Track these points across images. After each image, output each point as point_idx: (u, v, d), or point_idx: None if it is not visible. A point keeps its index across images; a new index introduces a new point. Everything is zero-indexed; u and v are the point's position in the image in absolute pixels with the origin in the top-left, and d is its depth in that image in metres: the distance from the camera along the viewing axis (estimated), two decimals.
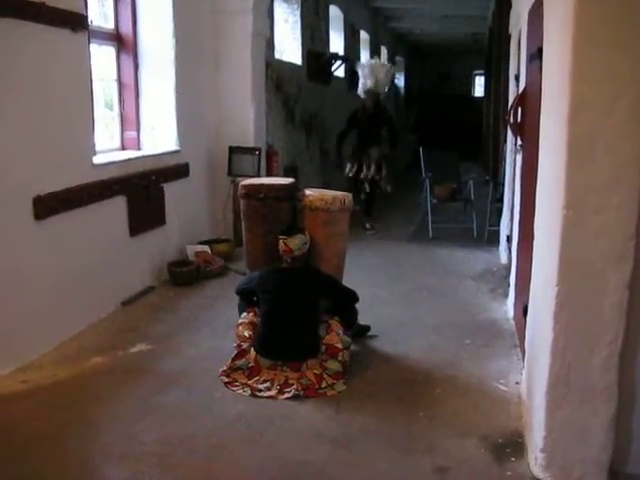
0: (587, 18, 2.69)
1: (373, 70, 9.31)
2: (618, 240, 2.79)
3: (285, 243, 4.40)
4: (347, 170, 9.33)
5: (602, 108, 2.73)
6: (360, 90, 9.48)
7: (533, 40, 4.51)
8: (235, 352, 4.29)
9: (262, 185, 4.89)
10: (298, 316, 4.28)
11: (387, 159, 9.43)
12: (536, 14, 4.24)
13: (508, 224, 6.74)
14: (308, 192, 4.79)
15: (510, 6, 6.93)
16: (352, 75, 12.54)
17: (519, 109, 5.27)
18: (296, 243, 4.41)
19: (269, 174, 7.78)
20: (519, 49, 6.02)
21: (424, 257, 7.62)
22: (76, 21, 4.87)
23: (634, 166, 2.75)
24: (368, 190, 9.25)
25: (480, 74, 24.25)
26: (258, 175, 7.09)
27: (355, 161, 9.29)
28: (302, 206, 4.75)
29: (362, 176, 9.21)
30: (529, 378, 3.62)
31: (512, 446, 3.44)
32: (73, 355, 4.59)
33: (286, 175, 8.73)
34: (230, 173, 7.25)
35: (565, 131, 2.79)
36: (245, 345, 4.29)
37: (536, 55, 4.02)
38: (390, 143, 9.58)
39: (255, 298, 4.50)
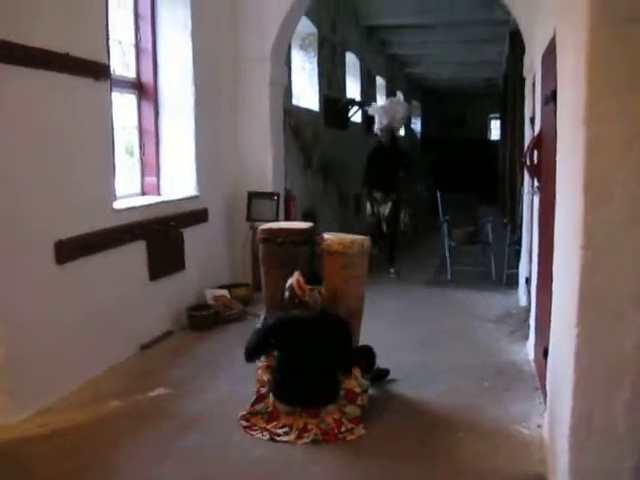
0: (600, 61, 2.72)
1: (387, 109, 9.52)
2: (637, 279, 2.77)
3: (299, 283, 4.30)
4: (368, 210, 9.56)
5: (617, 149, 2.74)
6: (376, 128, 9.66)
7: (547, 83, 4.57)
8: (254, 397, 4.28)
9: (281, 229, 4.93)
10: (316, 362, 4.23)
11: (402, 201, 9.59)
12: (549, 58, 4.30)
13: (527, 266, 6.72)
14: (327, 236, 4.81)
15: (524, 50, 7.02)
16: (369, 119, 12.73)
17: (535, 151, 5.31)
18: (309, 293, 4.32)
19: (288, 219, 7.83)
20: (534, 92, 6.08)
21: (443, 300, 7.59)
22: (99, 70, 5.00)
23: None
24: (385, 230, 9.35)
25: (495, 118, 24.41)
26: (277, 220, 7.14)
27: (371, 200, 9.48)
28: (320, 250, 4.77)
29: (378, 216, 9.38)
30: (551, 421, 3.57)
31: None
32: (91, 399, 4.59)
33: (304, 219, 8.77)
34: (249, 218, 7.31)
35: (581, 172, 2.80)
36: (264, 390, 4.27)
37: (551, 98, 4.06)
38: (405, 170, 9.68)
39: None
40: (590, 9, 2.70)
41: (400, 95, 14.25)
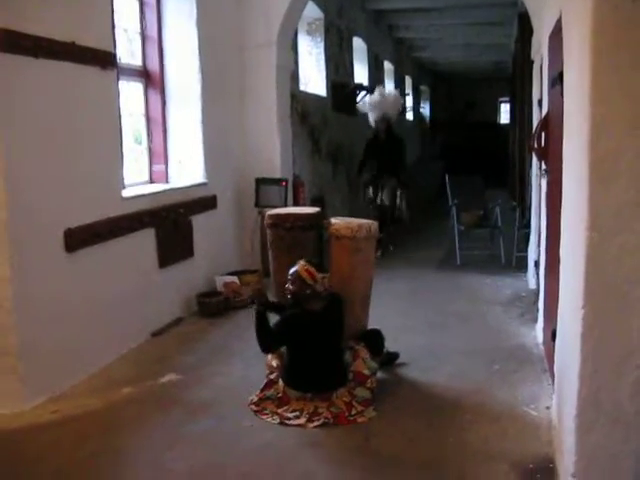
0: (604, 40, 2.71)
1: (376, 103, 9.70)
2: None
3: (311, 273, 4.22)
4: (367, 196, 9.73)
5: (622, 129, 2.73)
6: (371, 119, 9.86)
7: (554, 65, 4.55)
8: (264, 382, 4.31)
9: (289, 215, 4.95)
10: (325, 350, 4.25)
11: (403, 187, 9.73)
12: (556, 39, 4.27)
13: (536, 250, 6.71)
14: (334, 221, 4.82)
15: (532, 32, 6.97)
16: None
17: (543, 134, 5.28)
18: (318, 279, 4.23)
19: (296, 205, 7.84)
20: (541, 74, 6.05)
21: (452, 284, 7.60)
22: (105, 59, 5.02)
23: None
24: (379, 215, 9.35)
25: (505, 101, 24.30)
26: (285, 206, 7.15)
27: (372, 187, 9.67)
28: (328, 235, 4.78)
29: (378, 201, 9.59)
30: (559, 403, 3.58)
31: (543, 472, 3.40)
32: (103, 385, 4.64)
33: (313, 205, 8.78)
34: (257, 204, 7.32)
35: (586, 153, 2.79)
36: (273, 376, 4.30)
37: (557, 80, 4.04)
38: (399, 159, 9.84)
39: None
40: None
41: (389, 87, 14.17)
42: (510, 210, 9.69)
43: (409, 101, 19.06)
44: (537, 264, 6.44)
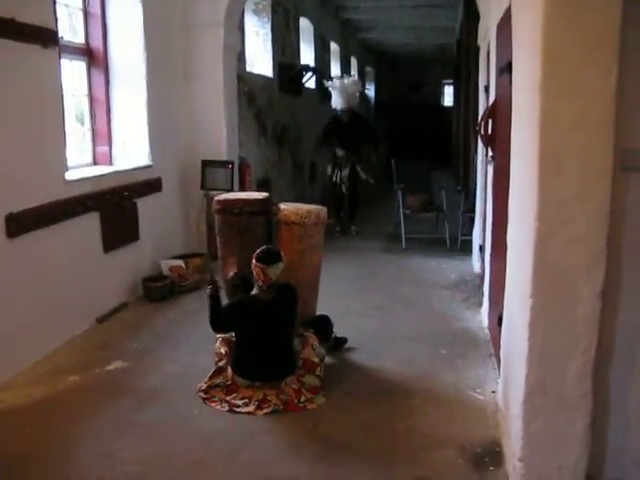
0: (555, 34, 2.74)
1: (343, 89, 9.84)
2: (589, 251, 2.83)
3: (265, 272, 4.14)
4: (328, 173, 10.02)
5: (571, 122, 2.78)
6: (334, 105, 9.98)
7: (502, 53, 4.59)
8: (213, 369, 4.28)
9: (237, 200, 4.90)
10: (274, 338, 4.22)
11: (361, 161, 10.00)
12: (505, 28, 4.31)
13: (480, 233, 6.82)
14: (283, 206, 4.80)
15: (478, 18, 7.02)
16: (323, 87, 12.71)
17: (489, 121, 5.35)
18: (276, 273, 4.17)
19: (242, 187, 7.79)
20: (488, 61, 6.11)
21: (398, 268, 7.67)
22: (46, 37, 4.85)
23: (604, 177, 2.80)
24: (345, 190, 9.83)
25: (449, 83, 24.50)
26: (231, 188, 7.10)
27: (334, 165, 9.92)
28: (277, 220, 4.77)
29: (338, 179, 9.83)
30: (505, 387, 3.66)
31: (490, 455, 3.48)
32: (49, 374, 4.54)
33: (259, 188, 8.75)
34: (203, 187, 7.24)
35: (536, 145, 2.84)
36: (222, 363, 4.28)
37: (506, 69, 4.08)
38: (374, 147, 10.24)
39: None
40: None
41: (354, 75, 14.27)
42: (455, 193, 9.81)
43: None
44: (482, 248, 6.55)
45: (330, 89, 10.02)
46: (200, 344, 4.90)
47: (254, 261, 4.17)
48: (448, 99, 25.79)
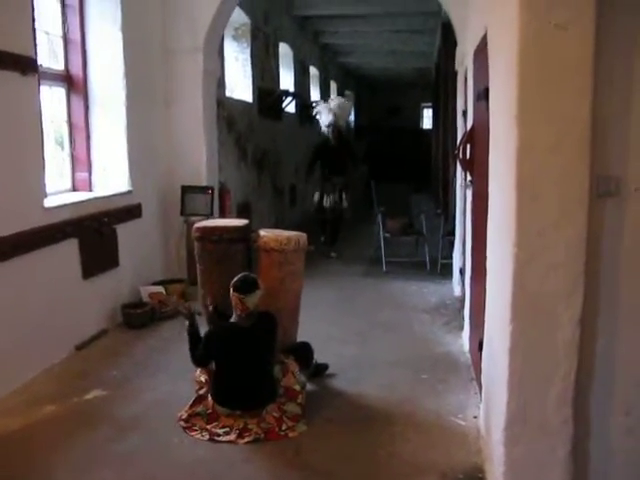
0: (531, 61, 2.79)
1: (336, 106, 10.13)
2: (569, 277, 2.86)
3: (242, 302, 4.11)
4: (316, 199, 10.14)
5: (548, 148, 2.81)
6: (322, 125, 10.18)
7: (479, 79, 4.65)
8: (194, 398, 4.24)
9: (216, 227, 4.88)
10: (253, 366, 4.17)
11: (348, 188, 10.20)
12: (481, 54, 4.37)
13: (460, 257, 6.85)
14: (262, 233, 4.79)
15: (455, 43, 7.11)
16: (303, 110, 12.82)
17: (468, 145, 5.40)
18: (253, 301, 4.14)
19: (222, 213, 7.78)
20: (466, 86, 6.18)
21: (379, 292, 7.67)
22: (26, 64, 4.84)
23: (581, 203, 2.83)
24: (331, 217, 9.99)
25: (428, 107, 24.73)
26: (211, 214, 7.08)
27: (320, 189, 10.10)
28: (257, 247, 4.74)
29: (325, 204, 9.97)
30: (487, 413, 3.66)
31: None
32: (25, 403, 4.47)
33: (239, 212, 8.76)
34: (183, 213, 7.21)
35: (513, 172, 2.86)
36: (202, 391, 4.24)
37: (483, 95, 4.13)
38: (352, 164, 10.46)
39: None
40: (520, 14, 2.76)
41: (348, 94, 14.53)
42: (435, 216, 9.86)
43: None
44: (462, 271, 6.58)
45: (319, 109, 10.21)
46: (180, 372, 4.85)
47: (231, 290, 4.14)
48: (427, 122, 26.03)
